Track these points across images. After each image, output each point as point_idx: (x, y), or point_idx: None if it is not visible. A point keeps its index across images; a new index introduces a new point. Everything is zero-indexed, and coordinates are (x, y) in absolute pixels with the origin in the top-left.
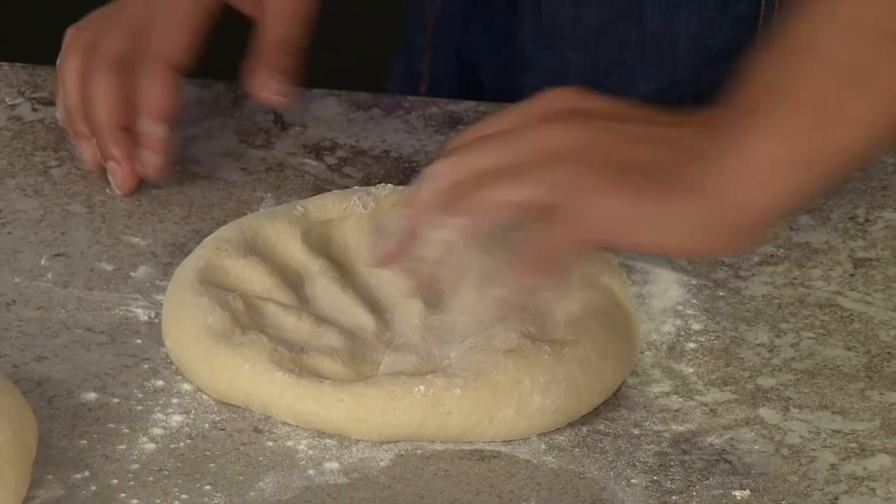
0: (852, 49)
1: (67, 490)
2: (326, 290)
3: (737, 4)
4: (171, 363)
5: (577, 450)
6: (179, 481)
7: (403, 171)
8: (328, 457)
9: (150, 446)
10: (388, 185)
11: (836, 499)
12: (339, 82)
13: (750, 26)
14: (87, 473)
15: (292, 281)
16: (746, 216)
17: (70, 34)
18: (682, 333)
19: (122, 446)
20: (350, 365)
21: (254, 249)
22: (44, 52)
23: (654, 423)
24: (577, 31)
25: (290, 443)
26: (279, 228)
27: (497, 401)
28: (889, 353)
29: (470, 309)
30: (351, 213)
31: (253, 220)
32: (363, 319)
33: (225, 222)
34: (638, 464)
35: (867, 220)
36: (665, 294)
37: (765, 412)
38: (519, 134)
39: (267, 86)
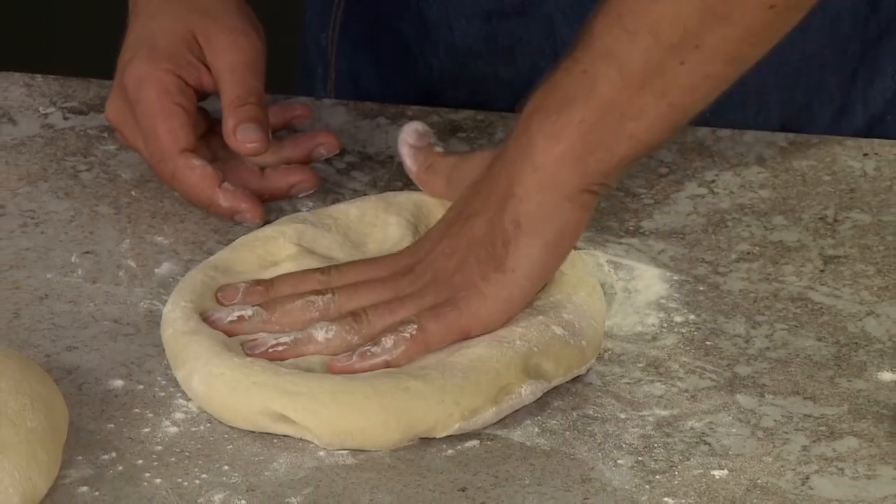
0: (629, 51)
1: (96, 470)
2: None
3: None
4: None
5: (567, 433)
6: (200, 462)
7: (407, 176)
8: None
9: (173, 429)
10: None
11: (808, 478)
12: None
13: None
14: (114, 454)
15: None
16: (555, 227)
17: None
18: (665, 325)
19: (147, 429)
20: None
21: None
22: (74, 65)
23: (639, 408)
24: (491, 48)
25: None
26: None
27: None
28: (856, 343)
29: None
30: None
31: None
32: None
33: (241, 223)
34: (624, 445)
35: (836, 221)
36: (649, 289)
37: (741, 398)
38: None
39: (246, 138)
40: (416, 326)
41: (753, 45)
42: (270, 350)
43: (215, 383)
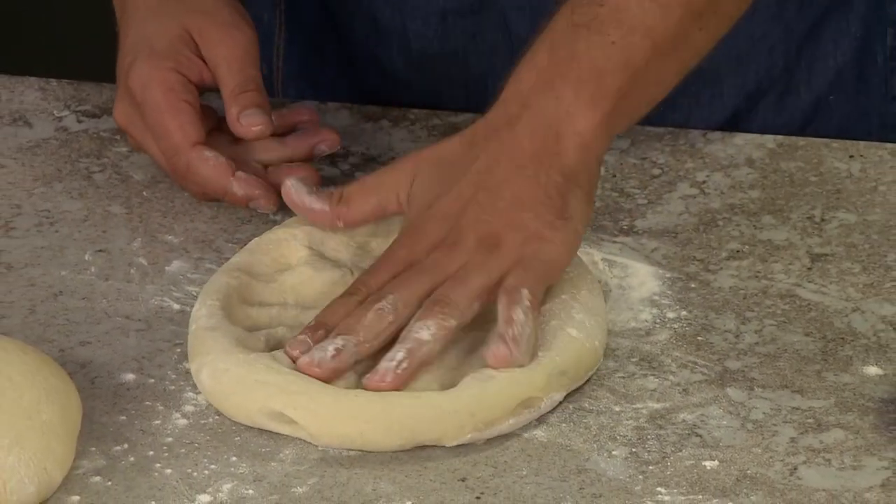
0: (663, 22)
1: (109, 461)
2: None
3: None
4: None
5: (564, 425)
6: (209, 452)
7: None
8: None
9: (183, 422)
10: None
11: (796, 469)
12: None
13: None
14: (126, 446)
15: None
16: (591, 181)
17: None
18: (658, 321)
19: (158, 422)
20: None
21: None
22: (87, 70)
23: (632, 401)
24: (445, 48)
25: None
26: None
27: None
28: (843, 338)
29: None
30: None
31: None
32: None
33: (249, 222)
34: (618, 437)
35: (823, 220)
36: (642, 286)
37: (731, 391)
38: (438, 263)
39: (250, 122)
40: (523, 290)
41: (746, 5)
42: (399, 372)
43: (221, 378)
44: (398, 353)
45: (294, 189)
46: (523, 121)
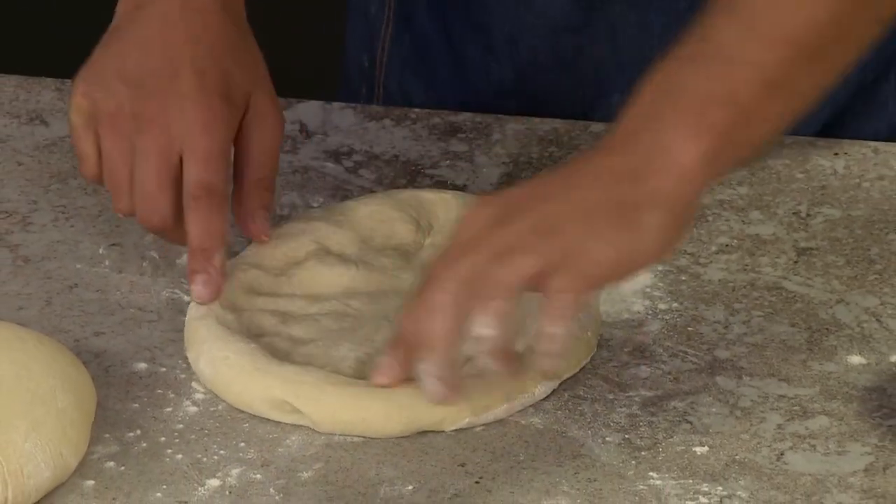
0: (771, 59)
1: (122, 447)
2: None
3: None
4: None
5: (559, 412)
6: (218, 439)
7: (410, 173)
8: None
9: (193, 409)
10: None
11: (782, 454)
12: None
13: None
14: (138, 432)
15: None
16: (684, 210)
17: (82, 100)
18: (650, 312)
19: (169, 409)
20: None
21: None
22: None
23: (625, 389)
24: (554, 60)
25: None
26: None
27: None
28: (827, 329)
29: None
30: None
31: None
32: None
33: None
34: (612, 424)
35: (808, 215)
36: (635, 279)
37: (721, 380)
38: (484, 241)
39: (255, 224)
40: (568, 299)
41: (858, 55)
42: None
43: (220, 367)
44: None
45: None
46: (619, 150)
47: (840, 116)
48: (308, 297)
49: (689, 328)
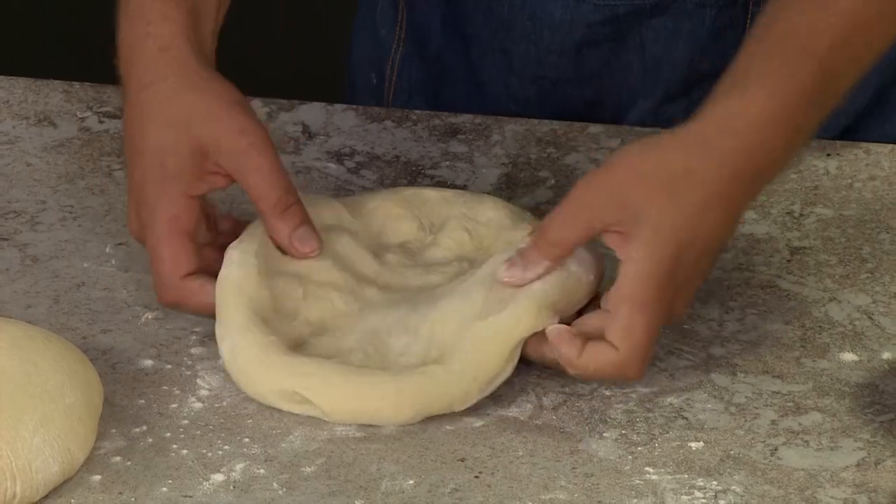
0: (821, 77)
1: (128, 442)
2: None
3: (726, 34)
4: (215, 335)
5: (557, 409)
6: (222, 434)
7: (411, 173)
8: None
9: (198, 405)
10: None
11: (776, 449)
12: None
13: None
14: (144, 428)
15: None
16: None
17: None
18: None
19: (174, 405)
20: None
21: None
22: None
23: (622, 385)
24: (580, 75)
25: None
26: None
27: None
28: (820, 327)
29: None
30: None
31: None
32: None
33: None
34: (609, 420)
35: (801, 215)
36: None
37: (715, 376)
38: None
39: (305, 246)
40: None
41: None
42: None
43: (238, 355)
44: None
45: (510, 278)
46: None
47: (860, 120)
48: (334, 262)
49: (685, 326)
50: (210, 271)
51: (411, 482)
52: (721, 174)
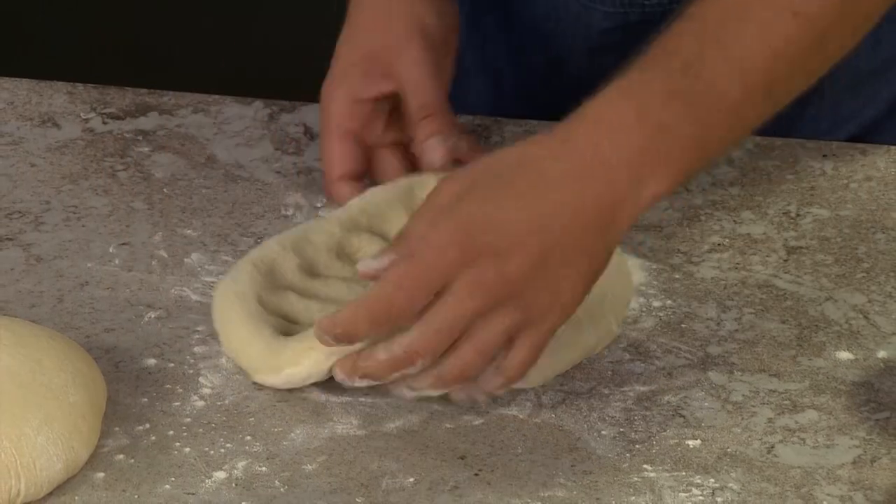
0: (739, 94)
1: (131, 440)
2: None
3: None
4: (219, 334)
5: (556, 407)
6: (225, 432)
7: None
8: (349, 413)
9: (200, 403)
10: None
11: (773, 447)
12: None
13: None
14: (147, 426)
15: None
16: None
17: None
18: (644, 309)
19: (177, 403)
20: None
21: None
22: (111, 75)
23: (620, 384)
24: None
25: (316, 401)
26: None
27: None
28: (816, 325)
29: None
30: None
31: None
32: None
33: (262, 217)
34: (607, 418)
35: (798, 215)
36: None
37: (713, 375)
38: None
39: (431, 156)
40: None
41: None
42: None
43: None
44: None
45: (365, 269)
46: (587, 177)
47: (869, 131)
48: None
49: (683, 325)
50: (374, 171)
51: (412, 480)
52: (563, 164)
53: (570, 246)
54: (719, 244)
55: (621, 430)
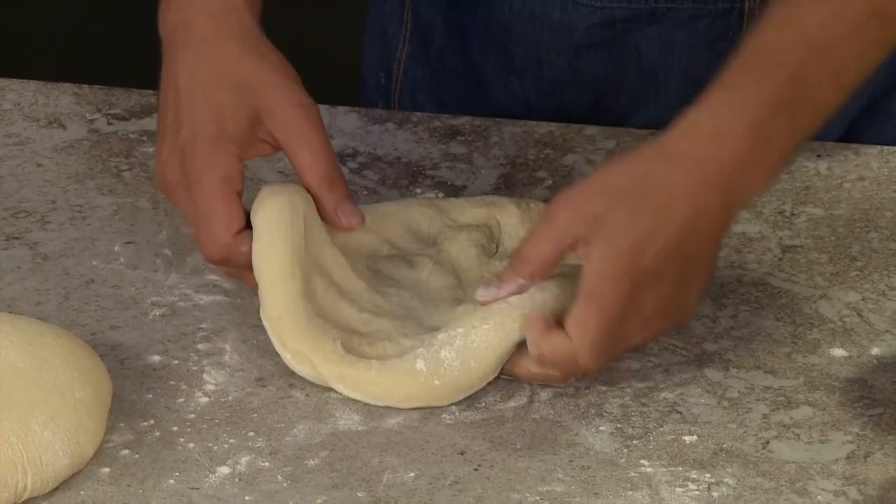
0: (791, 86)
1: (136, 435)
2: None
3: (723, 44)
4: (223, 331)
5: (555, 403)
6: (228, 428)
7: (412, 174)
8: (350, 409)
9: (204, 399)
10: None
11: (768, 443)
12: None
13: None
14: (152, 422)
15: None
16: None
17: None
18: None
19: (181, 400)
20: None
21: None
22: (117, 76)
23: (618, 381)
24: (578, 77)
25: (318, 398)
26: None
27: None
28: (811, 323)
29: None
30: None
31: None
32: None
33: None
34: (605, 414)
35: (793, 214)
36: None
37: (709, 371)
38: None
39: (349, 221)
40: None
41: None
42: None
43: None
44: None
45: (484, 296)
46: (709, 193)
47: (852, 129)
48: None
49: None
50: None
51: (412, 474)
52: (686, 178)
53: (700, 256)
54: None
55: (619, 426)
